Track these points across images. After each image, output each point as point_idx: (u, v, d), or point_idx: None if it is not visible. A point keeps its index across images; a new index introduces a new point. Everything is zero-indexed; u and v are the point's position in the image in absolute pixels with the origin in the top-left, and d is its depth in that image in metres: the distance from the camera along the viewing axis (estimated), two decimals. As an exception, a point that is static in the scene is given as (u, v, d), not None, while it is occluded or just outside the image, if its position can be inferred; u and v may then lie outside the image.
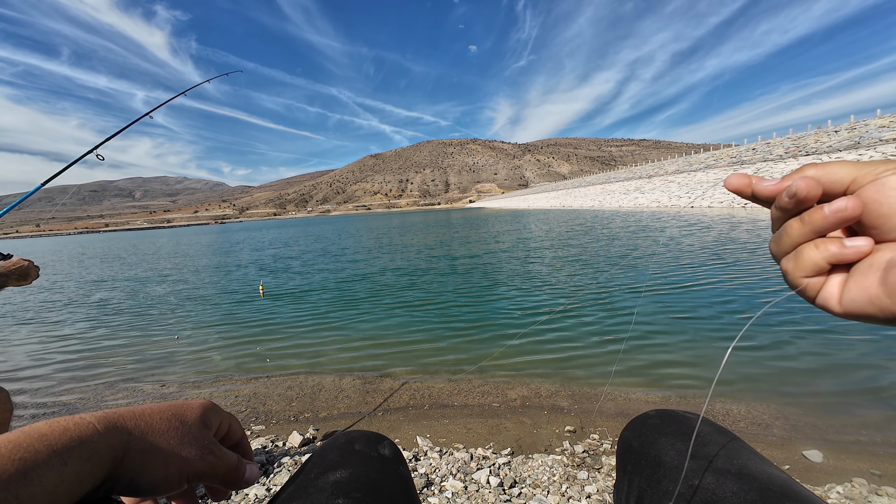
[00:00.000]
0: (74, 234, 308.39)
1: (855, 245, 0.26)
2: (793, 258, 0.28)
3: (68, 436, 0.26)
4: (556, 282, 5.75)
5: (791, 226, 0.28)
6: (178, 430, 0.34)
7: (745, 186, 0.30)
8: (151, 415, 0.33)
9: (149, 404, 0.34)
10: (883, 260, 0.24)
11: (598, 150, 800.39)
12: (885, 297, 0.23)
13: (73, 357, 3.89)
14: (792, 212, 0.28)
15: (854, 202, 0.25)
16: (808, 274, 0.27)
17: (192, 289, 7.46)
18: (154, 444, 0.31)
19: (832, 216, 0.26)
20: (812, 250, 0.27)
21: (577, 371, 2.82)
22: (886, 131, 23.71)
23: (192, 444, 0.34)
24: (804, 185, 0.26)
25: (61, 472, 0.25)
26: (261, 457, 1.94)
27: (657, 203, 26.87)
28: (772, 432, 2.00)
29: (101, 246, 33.51)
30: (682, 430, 0.49)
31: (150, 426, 0.32)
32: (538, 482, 1.64)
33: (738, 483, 0.39)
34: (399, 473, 0.51)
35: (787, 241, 0.29)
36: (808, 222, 0.27)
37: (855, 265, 0.26)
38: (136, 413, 0.32)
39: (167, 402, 0.36)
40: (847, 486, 1.54)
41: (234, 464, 0.37)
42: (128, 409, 0.32)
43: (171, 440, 0.33)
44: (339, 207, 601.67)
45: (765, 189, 0.29)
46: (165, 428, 0.33)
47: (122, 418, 0.31)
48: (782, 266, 0.29)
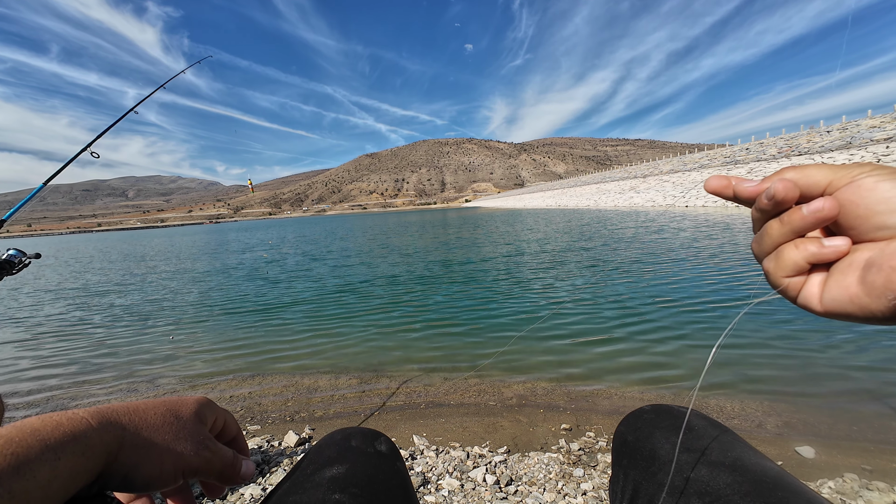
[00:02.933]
0: (66, 234, 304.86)
1: (833, 245, 0.26)
2: (774, 258, 0.29)
3: (61, 430, 0.26)
4: (552, 281, 5.77)
5: (771, 226, 0.29)
6: (173, 426, 0.33)
7: (725, 188, 0.31)
8: (146, 410, 0.33)
9: (144, 400, 0.34)
10: (861, 259, 0.25)
11: (593, 149, 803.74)
12: (865, 295, 0.24)
13: (67, 357, 3.85)
14: (771, 213, 0.29)
15: (831, 203, 0.26)
16: (789, 274, 0.28)
17: (189, 288, 7.41)
18: (149, 440, 0.31)
19: (810, 216, 0.26)
20: (792, 250, 0.28)
21: (572, 369, 2.83)
22: (877, 131, 24.02)
23: (187, 440, 0.34)
24: (782, 187, 0.27)
25: (55, 466, 0.24)
26: (256, 456, 1.93)
27: (652, 202, 27.04)
28: (765, 429, 2.02)
29: (94, 246, 33.18)
30: (677, 423, 0.50)
31: (145, 421, 0.32)
32: (534, 480, 1.65)
33: (732, 475, 0.40)
34: (396, 469, 0.51)
35: (768, 242, 0.29)
36: (787, 223, 0.28)
37: (834, 265, 0.27)
38: (131, 408, 0.32)
39: (162, 397, 0.36)
40: (838, 481, 1.56)
41: (230, 459, 0.37)
42: (122, 404, 0.32)
43: (166, 435, 0.32)
44: (335, 207, 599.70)
45: (745, 190, 0.30)
46: (160, 423, 0.33)
47: (116, 413, 0.30)
48: (764, 266, 0.30)
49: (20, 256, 1.34)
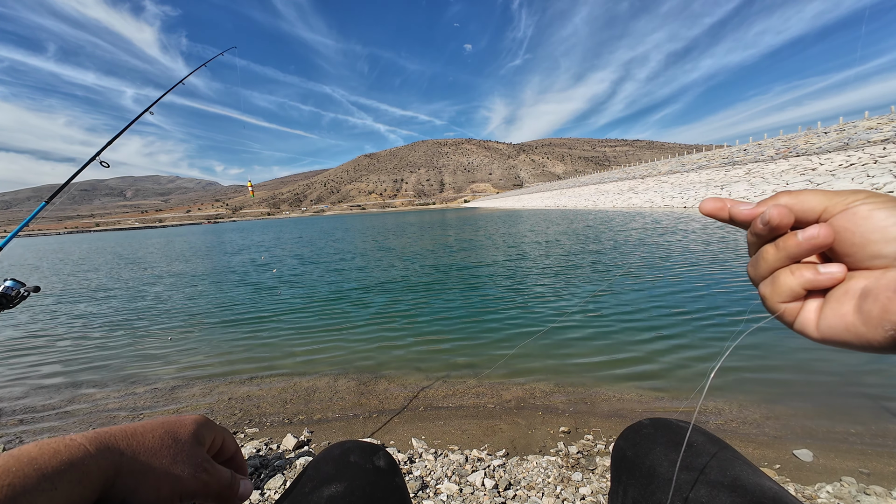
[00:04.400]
0: (64, 234, 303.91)
1: (829, 272, 0.26)
2: (770, 283, 0.29)
3: (59, 459, 0.26)
4: (554, 285, 5.77)
5: (767, 251, 0.29)
6: (171, 449, 0.33)
7: (721, 210, 0.31)
8: (144, 433, 0.32)
9: (141, 422, 0.34)
10: (857, 288, 0.25)
11: (592, 150, 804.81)
12: (861, 325, 0.24)
13: (64, 358, 3.84)
14: (766, 238, 0.29)
15: (826, 230, 0.26)
16: (785, 299, 0.28)
17: (185, 288, 7.39)
18: (146, 464, 0.31)
19: (805, 243, 0.26)
20: (788, 276, 0.28)
21: (571, 372, 2.83)
22: (874, 133, 24.09)
23: (184, 463, 0.34)
24: (777, 213, 0.27)
25: (51, 497, 0.24)
26: (255, 460, 1.93)
27: (650, 203, 27.07)
28: (763, 432, 2.03)
29: (87, 247, 33.08)
30: (676, 439, 0.50)
31: (143, 445, 0.32)
32: (533, 484, 1.65)
33: (731, 496, 0.40)
34: (394, 485, 0.51)
35: (764, 266, 0.29)
36: (782, 248, 0.28)
37: (830, 291, 0.27)
38: (129, 432, 0.32)
39: (160, 418, 0.36)
40: (836, 485, 1.57)
41: (228, 481, 0.37)
42: (120, 427, 0.32)
43: (164, 459, 0.32)
44: (334, 207, 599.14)
45: (741, 213, 0.30)
46: (158, 446, 0.33)
47: (113, 438, 0.30)
48: (760, 291, 0.30)
49: (18, 288, 1.26)
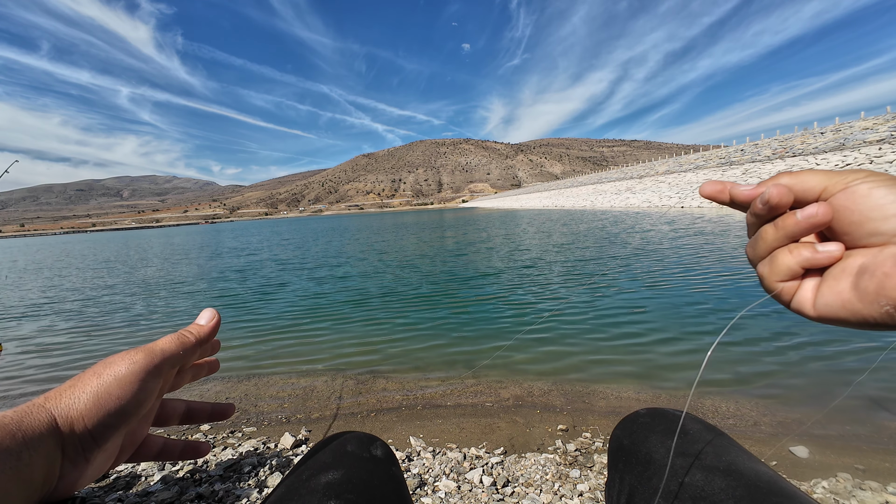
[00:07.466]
0: (60, 234, 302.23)
1: (827, 250, 0.27)
2: (768, 263, 0.29)
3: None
4: (548, 283, 5.78)
5: (766, 231, 0.29)
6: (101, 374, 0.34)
7: (721, 192, 0.32)
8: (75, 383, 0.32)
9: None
10: (854, 265, 0.25)
11: (589, 150, 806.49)
12: (857, 301, 0.24)
13: (55, 356, 3.81)
14: (766, 218, 0.29)
15: (825, 208, 0.26)
16: (783, 278, 0.28)
17: (181, 286, 7.36)
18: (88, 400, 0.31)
19: (804, 221, 0.26)
20: (786, 255, 0.28)
21: (570, 370, 2.84)
22: (870, 133, 24.24)
23: (122, 361, 0.34)
24: (776, 193, 0.27)
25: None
26: (252, 459, 1.92)
27: (648, 203, 27.15)
28: (759, 429, 2.04)
29: (87, 247, 32.89)
30: (672, 427, 0.50)
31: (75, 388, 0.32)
32: (531, 481, 1.65)
33: (727, 479, 0.40)
34: (391, 474, 0.51)
35: (763, 246, 0.29)
36: (781, 227, 0.28)
37: (828, 270, 0.27)
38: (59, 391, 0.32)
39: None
40: (832, 480, 1.58)
41: (179, 334, 0.39)
42: (47, 393, 0.32)
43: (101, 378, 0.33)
44: (332, 207, 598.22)
45: (740, 194, 0.30)
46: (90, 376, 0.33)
47: (43, 409, 0.30)
48: (758, 270, 0.30)
49: None
